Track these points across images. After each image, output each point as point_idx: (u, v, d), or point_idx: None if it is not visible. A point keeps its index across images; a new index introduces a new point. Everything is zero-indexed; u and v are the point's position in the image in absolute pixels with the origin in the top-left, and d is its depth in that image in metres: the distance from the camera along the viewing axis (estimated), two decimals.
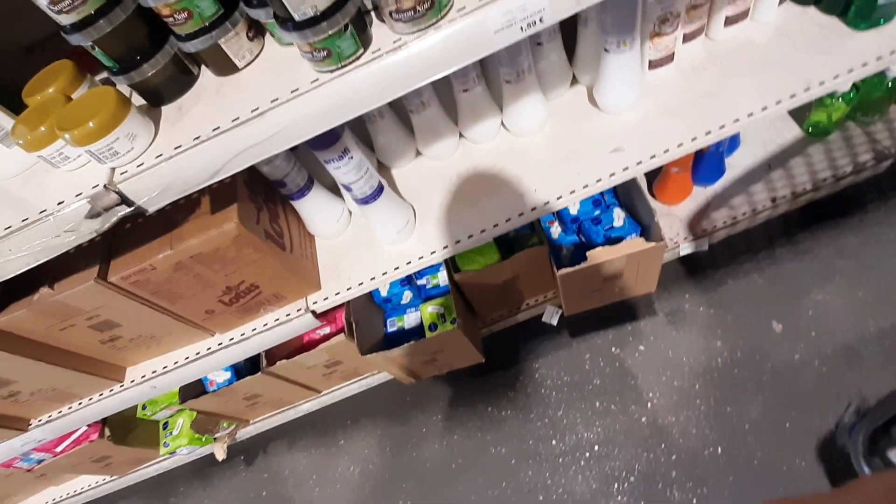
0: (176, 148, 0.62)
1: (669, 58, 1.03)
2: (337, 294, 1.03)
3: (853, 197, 1.43)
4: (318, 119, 0.62)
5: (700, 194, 1.42)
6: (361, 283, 1.03)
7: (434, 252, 1.02)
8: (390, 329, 1.38)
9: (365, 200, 0.92)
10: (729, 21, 1.03)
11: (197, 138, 0.62)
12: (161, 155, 0.62)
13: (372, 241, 1.07)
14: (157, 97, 0.69)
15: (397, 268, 1.02)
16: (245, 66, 0.68)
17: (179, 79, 0.69)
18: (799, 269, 1.41)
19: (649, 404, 1.33)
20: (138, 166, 0.63)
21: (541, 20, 0.59)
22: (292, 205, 1.02)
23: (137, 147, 0.63)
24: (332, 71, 0.59)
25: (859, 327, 1.30)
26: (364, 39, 0.59)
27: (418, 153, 1.15)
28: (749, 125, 0.95)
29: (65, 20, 0.58)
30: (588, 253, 1.07)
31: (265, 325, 1.04)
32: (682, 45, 1.04)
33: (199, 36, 0.62)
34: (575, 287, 1.18)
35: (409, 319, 1.37)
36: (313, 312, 1.03)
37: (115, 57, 0.63)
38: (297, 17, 0.54)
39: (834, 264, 1.39)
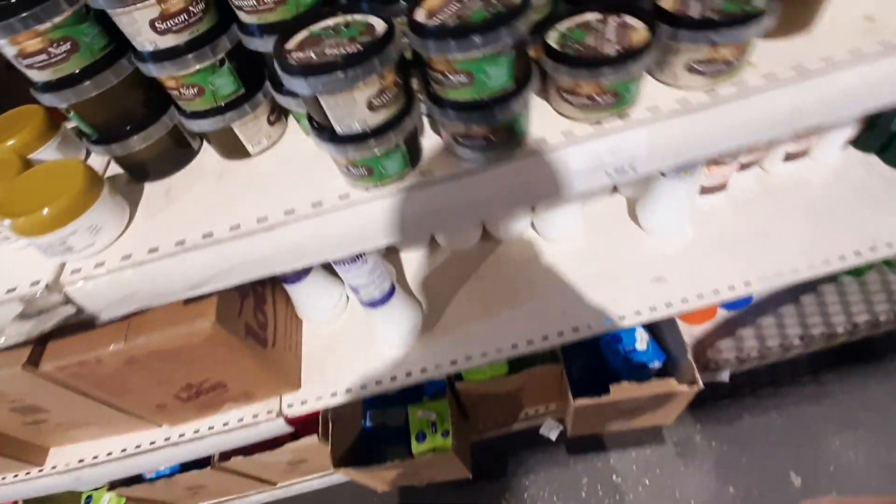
0: (151, 251, 0.48)
1: (722, 185, 0.95)
2: (318, 399, 0.87)
3: (881, 344, 1.35)
4: (339, 243, 0.49)
5: (722, 316, 1.32)
6: (349, 390, 0.87)
7: (440, 366, 0.87)
8: (370, 423, 1.22)
9: (372, 304, 0.79)
10: (788, 157, 0.96)
11: (181, 244, 0.48)
12: (129, 257, 0.48)
13: (370, 336, 0.93)
14: (141, 172, 0.55)
15: (394, 378, 0.87)
16: (258, 153, 0.55)
17: (173, 154, 0.56)
18: (820, 415, 1.30)
19: None
20: (96, 266, 0.48)
21: (632, 167, 0.48)
22: (284, 287, 0.88)
23: (100, 242, 0.49)
24: (367, 189, 0.47)
25: (885, 492, 1.18)
26: (413, 156, 0.47)
27: (434, 239, 1.03)
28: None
29: (37, 77, 0.45)
30: (612, 387, 0.95)
31: (225, 424, 0.87)
32: (736, 172, 0.96)
33: (208, 116, 0.50)
34: (588, 415, 1.05)
35: (393, 414, 1.21)
36: (286, 418, 0.87)
37: (95, 125, 0.50)
38: (338, 130, 0.42)
39: (857, 416, 1.29)
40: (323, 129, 0.43)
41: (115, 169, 0.58)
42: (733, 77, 0.47)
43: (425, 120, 0.53)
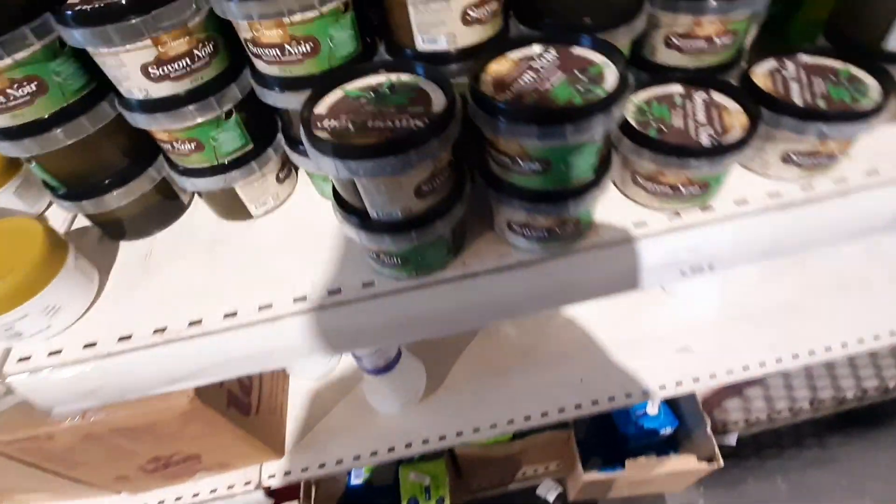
0: (122, 339, 0.39)
1: None
2: (304, 471, 0.77)
3: (886, 408, 1.31)
4: (358, 339, 0.40)
5: None
6: (340, 462, 0.78)
7: (444, 437, 0.78)
8: (355, 480, 1.11)
9: (376, 371, 0.70)
10: None
11: (160, 332, 0.39)
12: (94, 346, 0.39)
13: (365, 397, 0.83)
14: (118, 230, 0.46)
15: (392, 449, 0.78)
16: (263, 215, 0.47)
17: (158, 210, 0.46)
18: (825, 481, 1.25)
19: None
20: (50, 355, 0.39)
21: (710, 266, 0.41)
22: None
23: (58, 324, 0.39)
24: (398, 279, 0.39)
25: None
26: (458, 243, 0.39)
27: None
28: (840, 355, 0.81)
29: None
30: (628, 462, 0.87)
31: (195, 495, 0.76)
32: None
33: (207, 175, 0.41)
34: (595, 487, 0.97)
35: (382, 472, 1.11)
36: (266, 489, 0.77)
37: (63, 178, 0.40)
38: (374, 216, 0.33)
39: (863, 484, 1.24)
40: (352, 212, 0.34)
41: (84, 219, 0.48)
42: (831, 171, 0.40)
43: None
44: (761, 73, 0.40)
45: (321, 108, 0.32)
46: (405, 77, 0.34)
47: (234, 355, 0.39)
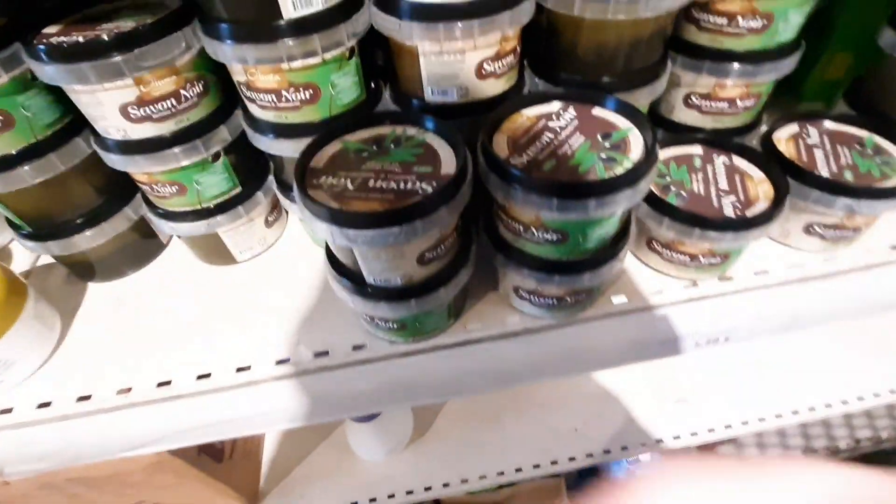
0: (81, 399, 0.35)
1: None
2: None
3: (872, 459, 1.29)
4: (346, 406, 0.36)
5: None
6: None
7: (429, 488, 0.74)
8: None
9: (362, 419, 0.66)
10: None
11: (125, 392, 0.35)
12: (49, 405, 0.35)
13: (346, 440, 0.79)
14: (87, 272, 0.42)
15: (374, 500, 0.73)
16: (248, 260, 0.43)
17: (132, 250, 0.43)
18: None
19: None
20: (1, 413, 0.34)
21: (727, 338, 0.38)
22: None
23: (9, 379, 0.35)
24: (393, 343, 0.36)
25: None
26: (459, 306, 0.36)
27: None
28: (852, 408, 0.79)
29: None
30: None
31: None
32: None
33: (188, 219, 0.38)
34: None
35: None
36: None
37: (29, 217, 0.37)
38: (370, 281, 0.30)
39: None
40: (346, 275, 0.31)
41: (44, 258, 0.44)
42: (854, 243, 0.38)
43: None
44: (783, 139, 0.38)
45: (319, 160, 0.29)
46: (411, 130, 0.31)
47: (206, 421, 0.35)
